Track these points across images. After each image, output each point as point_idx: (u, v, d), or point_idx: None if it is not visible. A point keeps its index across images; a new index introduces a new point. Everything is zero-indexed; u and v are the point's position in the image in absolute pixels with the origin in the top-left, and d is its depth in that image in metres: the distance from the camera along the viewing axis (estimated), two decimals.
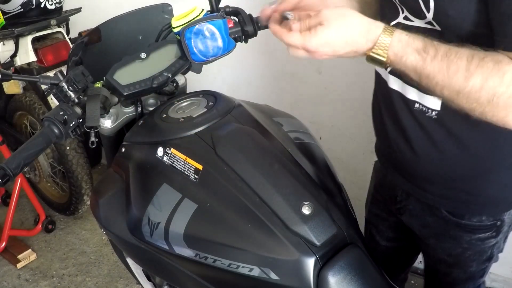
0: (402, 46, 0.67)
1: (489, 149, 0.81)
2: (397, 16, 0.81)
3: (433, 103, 0.79)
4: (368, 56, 0.70)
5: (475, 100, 0.64)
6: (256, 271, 0.77)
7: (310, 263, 0.75)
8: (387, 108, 0.91)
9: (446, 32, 0.72)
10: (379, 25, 0.69)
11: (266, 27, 1.11)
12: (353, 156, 1.90)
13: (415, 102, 0.82)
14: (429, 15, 0.72)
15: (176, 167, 0.88)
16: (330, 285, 0.74)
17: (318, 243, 0.76)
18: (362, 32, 0.69)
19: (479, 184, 0.85)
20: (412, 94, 0.82)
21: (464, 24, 0.69)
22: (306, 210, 0.78)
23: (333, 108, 1.87)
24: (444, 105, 0.78)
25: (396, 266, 1.21)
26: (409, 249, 1.13)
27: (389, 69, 0.79)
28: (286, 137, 0.97)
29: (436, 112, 0.79)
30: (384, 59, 0.69)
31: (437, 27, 0.73)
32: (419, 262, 1.55)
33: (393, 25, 0.81)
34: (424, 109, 0.81)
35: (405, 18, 0.79)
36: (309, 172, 0.90)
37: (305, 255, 0.75)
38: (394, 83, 0.85)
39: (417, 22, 0.76)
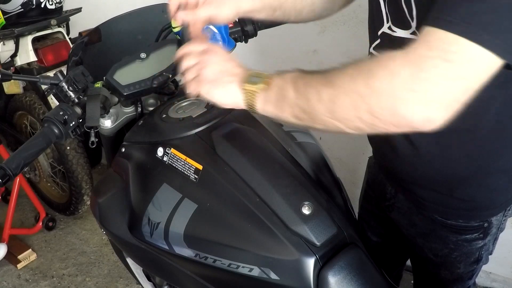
0: (279, 71, 0.72)
1: (474, 155, 0.80)
2: (382, 25, 0.80)
3: None
4: (247, 78, 0.73)
5: (356, 91, 0.59)
6: (256, 271, 0.77)
7: (310, 263, 0.75)
8: None
9: None
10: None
11: (266, 27, 1.11)
12: (353, 156, 1.90)
13: None
14: (413, 24, 0.71)
15: (176, 167, 0.88)
16: (330, 285, 0.74)
17: (318, 243, 0.76)
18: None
19: (467, 189, 0.84)
20: None
21: None
22: (306, 210, 0.78)
23: None
24: None
25: (387, 263, 1.21)
26: (400, 246, 1.13)
27: None
28: (286, 137, 0.97)
29: None
30: (263, 76, 0.71)
31: None
32: None
33: (380, 35, 0.82)
34: None
35: (389, 28, 0.78)
36: (309, 172, 0.90)
37: (305, 255, 0.75)
38: None
39: (400, 33, 0.75)
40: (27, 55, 2.10)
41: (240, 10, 0.86)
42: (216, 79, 0.74)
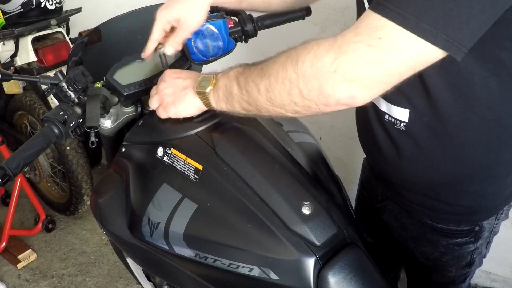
0: (226, 70, 0.79)
1: (458, 161, 0.79)
2: None
3: (401, 115, 0.78)
4: (197, 84, 0.80)
5: (286, 77, 0.64)
6: (256, 271, 0.77)
7: (310, 263, 0.75)
8: (363, 117, 0.91)
9: None
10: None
11: (266, 27, 1.11)
12: (352, 156, 1.90)
13: (385, 113, 0.82)
14: None
15: (176, 167, 0.88)
16: (330, 285, 0.74)
17: (318, 243, 0.76)
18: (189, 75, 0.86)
19: (453, 193, 0.84)
20: (383, 105, 0.81)
21: None
22: (306, 210, 0.78)
23: None
24: (412, 117, 0.77)
25: (384, 264, 1.21)
26: (395, 248, 1.13)
27: None
28: (286, 137, 0.97)
29: (404, 123, 0.78)
30: (211, 79, 0.78)
31: None
32: None
33: None
34: (393, 120, 0.80)
35: None
36: (309, 172, 0.90)
37: (305, 255, 0.75)
38: None
39: None
40: (27, 55, 2.10)
41: (204, 8, 0.89)
42: (174, 98, 0.85)
